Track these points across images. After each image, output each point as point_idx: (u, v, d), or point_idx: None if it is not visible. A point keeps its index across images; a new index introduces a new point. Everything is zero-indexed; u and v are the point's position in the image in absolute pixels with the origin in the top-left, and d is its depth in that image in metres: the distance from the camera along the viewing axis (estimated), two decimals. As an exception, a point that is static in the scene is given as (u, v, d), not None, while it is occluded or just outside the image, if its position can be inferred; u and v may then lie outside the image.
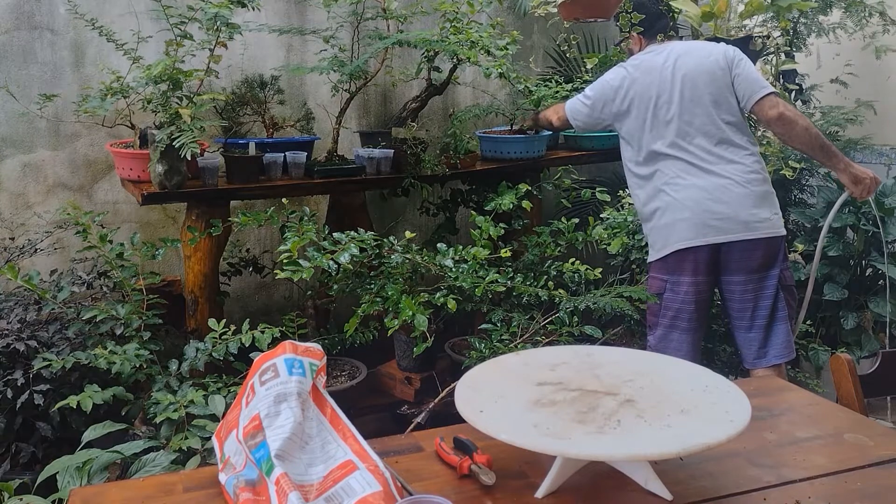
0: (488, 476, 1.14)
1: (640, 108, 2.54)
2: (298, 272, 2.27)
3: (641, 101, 2.53)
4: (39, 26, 2.96)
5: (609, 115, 2.63)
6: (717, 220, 2.42)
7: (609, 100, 2.61)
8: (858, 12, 3.46)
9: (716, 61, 2.50)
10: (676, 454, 1.04)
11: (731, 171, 2.44)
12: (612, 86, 2.60)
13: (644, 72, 2.55)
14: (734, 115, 2.49)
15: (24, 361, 2.37)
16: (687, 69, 2.50)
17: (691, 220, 2.44)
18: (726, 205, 2.41)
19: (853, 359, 1.64)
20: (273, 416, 1.10)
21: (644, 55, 2.61)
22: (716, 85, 2.48)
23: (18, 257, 2.74)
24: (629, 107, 2.56)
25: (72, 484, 1.78)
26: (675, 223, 2.47)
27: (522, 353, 1.40)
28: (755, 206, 2.43)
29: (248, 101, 3.00)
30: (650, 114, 2.52)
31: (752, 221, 2.42)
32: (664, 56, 2.55)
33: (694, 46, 2.59)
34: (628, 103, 2.56)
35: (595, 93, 2.65)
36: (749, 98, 2.47)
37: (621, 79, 2.59)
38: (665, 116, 2.50)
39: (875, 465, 1.21)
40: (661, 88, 2.51)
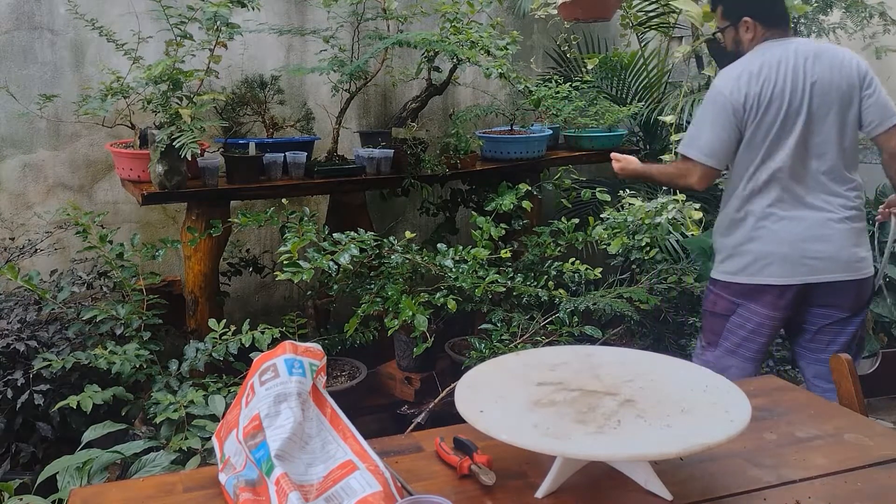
0: (488, 476, 1.14)
1: (768, 112, 2.14)
2: (299, 274, 2.27)
3: (772, 104, 2.13)
4: (39, 26, 2.96)
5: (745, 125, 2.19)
6: (815, 260, 2.16)
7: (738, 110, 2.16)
8: (859, 12, 3.46)
9: (849, 74, 2.15)
10: (676, 454, 1.04)
11: (834, 205, 2.17)
12: (735, 95, 2.16)
13: (773, 69, 2.14)
14: (851, 141, 2.18)
15: (24, 361, 2.37)
16: (819, 76, 2.13)
17: (788, 258, 2.17)
18: (827, 243, 2.16)
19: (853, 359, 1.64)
20: (273, 416, 1.10)
21: (766, 48, 2.17)
22: (844, 102, 2.15)
23: (18, 257, 2.74)
24: (759, 109, 2.15)
25: (72, 484, 1.78)
26: (769, 256, 2.18)
27: (522, 353, 1.40)
28: (855, 244, 2.19)
29: (248, 101, 3.00)
30: (778, 120, 2.13)
31: (851, 261, 2.18)
32: (792, 53, 2.15)
33: (824, 49, 2.19)
34: (762, 105, 2.15)
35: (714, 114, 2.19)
36: (878, 125, 2.16)
37: (745, 76, 2.15)
38: (789, 128, 2.14)
39: (875, 466, 1.21)
40: (792, 94, 2.13)
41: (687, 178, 2.22)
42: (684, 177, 2.23)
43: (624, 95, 3.96)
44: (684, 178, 2.24)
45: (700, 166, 2.18)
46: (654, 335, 3.09)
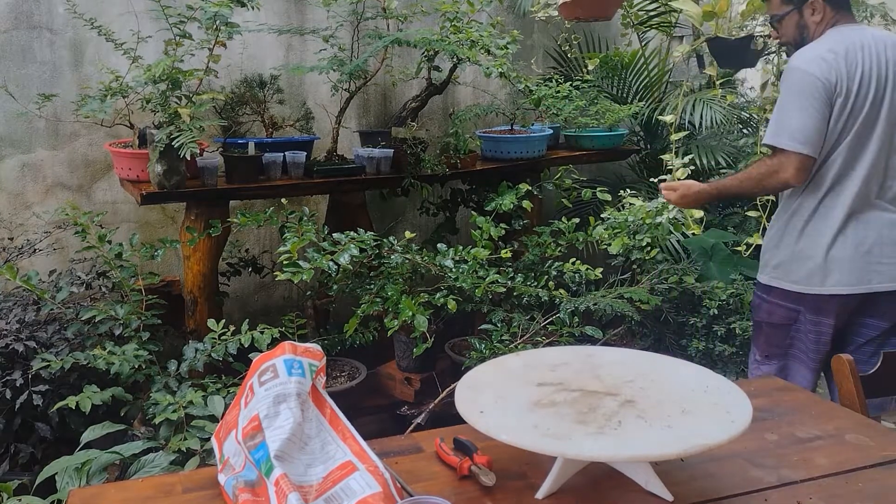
0: (488, 477, 1.14)
1: (857, 100, 1.96)
2: (298, 274, 2.27)
3: (860, 91, 1.95)
4: (38, 26, 2.96)
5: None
6: (885, 266, 2.02)
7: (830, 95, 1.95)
8: (860, 12, 3.46)
9: None
10: (677, 455, 1.03)
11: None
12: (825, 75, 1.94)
13: (858, 53, 1.96)
14: None
15: (22, 362, 2.37)
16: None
17: (857, 264, 2.02)
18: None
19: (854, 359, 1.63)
20: (272, 417, 1.09)
21: (842, 32, 1.98)
22: None
23: (17, 257, 2.74)
24: (849, 95, 1.96)
25: (71, 485, 1.78)
26: (839, 262, 2.02)
27: (523, 353, 1.39)
28: None
29: (248, 100, 2.99)
30: (864, 111, 1.96)
31: None
32: (871, 39, 1.98)
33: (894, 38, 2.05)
34: (851, 91, 1.96)
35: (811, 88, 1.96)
36: None
37: (831, 56, 1.95)
38: (873, 119, 1.98)
39: (876, 466, 1.21)
40: (878, 82, 1.96)
41: (780, 173, 1.97)
42: (776, 173, 1.98)
43: (624, 95, 3.96)
44: (777, 175, 1.98)
45: (795, 156, 1.94)
46: (655, 335, 3.09)
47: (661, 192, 2.31)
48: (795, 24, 2.07)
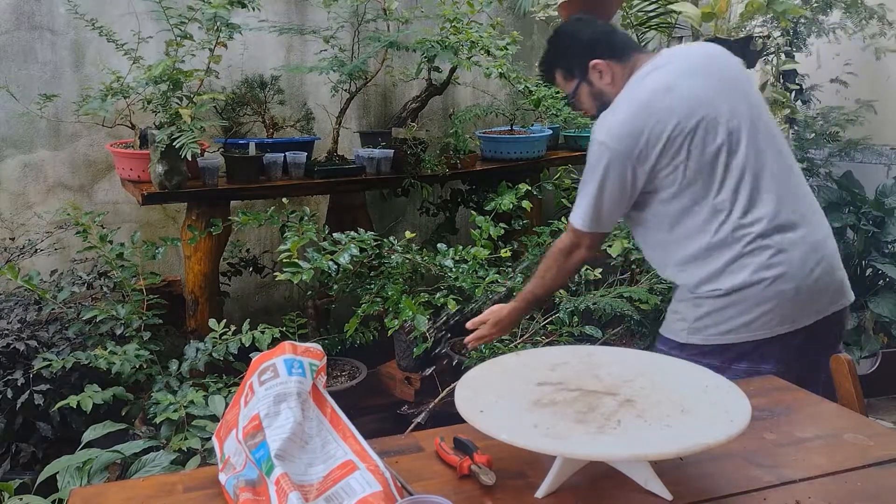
0: (488, 476, 1.14)
1: (691, 140, 1.73)
2: (298, 274, 2.27)
3: (687, 130, 1.72)
4: (40, 26, 2.96)
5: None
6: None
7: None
8: (858, 13, 3.46)
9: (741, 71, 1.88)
10: (676, 454, 1.04)
11: None
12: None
13: (667, 94, 1.73)
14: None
15: (24, 361, 2.37)
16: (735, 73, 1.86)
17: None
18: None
19: (853, 359, 1.63)
20: (273, 416, 1.10)
21: (641, 83, 1.75)
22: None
23: (19, 257, 2.74)
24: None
25: (72, 484, 1.78)
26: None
27: (522, 353, 1.40)
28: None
29: (248, 101, 3.00)
30: (710, 143, 1.76)
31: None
32: (678, 70, 1.77)
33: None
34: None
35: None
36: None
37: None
38: (730, 144, 1.78)
39: (875, 466, 1.21)
40: (709, 106, 1.75)
41: (577, 250, 1.88)
42: (575, 249, 1.88)
43: (624, 95, 3.95)
44: (575, 253, 1.88)
45: (587, 234, 1.84)
46: (654, 335, 3.08)
47: (470, 341, 2.07)
48: (589, 95, 1.87)
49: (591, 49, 1.82)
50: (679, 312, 1.80)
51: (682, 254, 1.75)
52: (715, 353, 1.72)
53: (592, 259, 1.94)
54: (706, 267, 1.72)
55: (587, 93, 1.87)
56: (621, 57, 1.81)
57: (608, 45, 1.82)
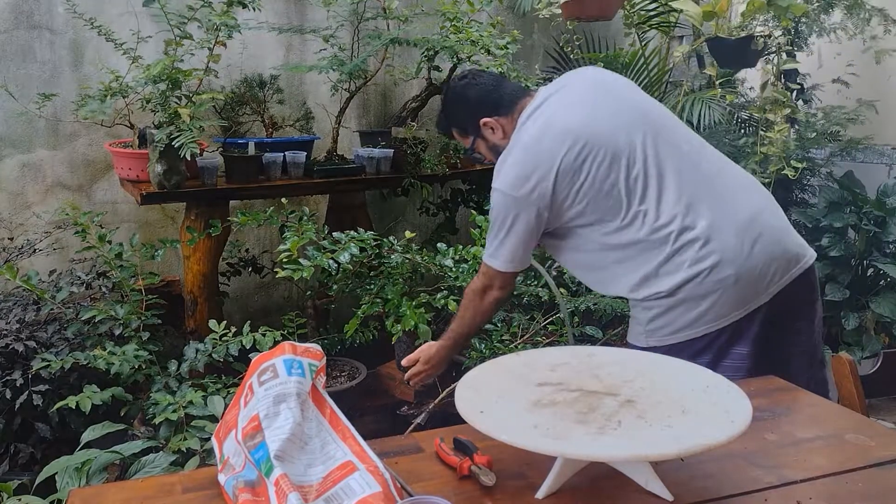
0: (488, 477, 1.14)
1: (594, 171, 1.80)
2: (299, 271, 2.27)
3: (588, 161, 1.78)
4: (38, 25, 2.96)
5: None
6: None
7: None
8: (859, 14, 3.46)
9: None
10: (677, 455, 1.03)
11: None
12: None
13: (560, 135, 1.78)
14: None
15: (22, 362, 2.37)
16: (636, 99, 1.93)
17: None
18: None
19: (854, 359, 1.63)
20: (272, 417, 1.09)
21: (527, 129, 1.80)
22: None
23: (17, 257, 2.74)
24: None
25: (71, 484, 1.78)
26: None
27: (523, 353, 1.39)
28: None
29: (248, 100, 2.99)
30: (616, 167, 1.81)
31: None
32: (562, 105, 1.83)
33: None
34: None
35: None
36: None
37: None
38: (637, 161, 1.84)
39: (876, 466, 1.21)
40: (602, 133, 1.81)
41: (491, 290, 1.92)
42: (489, 289, 1.92)
43: (624, 95, 3.95)
44: (489, 292, 1.92)
45: (502, 273, 1.88)
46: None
47: (408, 378, 2.15)
48: (486, 148, 1.94)
49: (478, 109, 1.88)
50: (635, 318, 1.83)
51: (612, 269, 1.79)
52: (674, 353, 1.71)
53: (508, 300, 1.98)
54: (638, 273, 1.74)
55: (484, 147, 1.94)
56: (508, 110, 1.86)
57: (494, 102, 1.87)
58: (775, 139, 3.21)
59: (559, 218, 1.78)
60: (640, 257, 1.73)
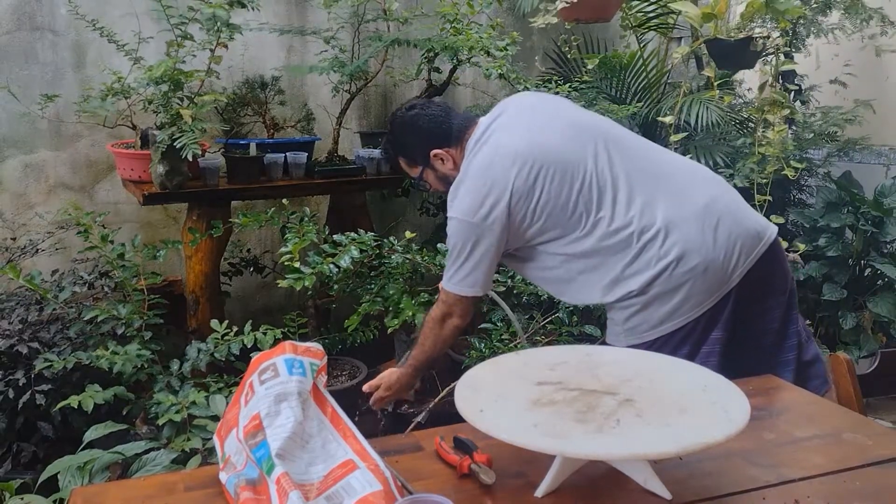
0: (488, 475, 1.15)
1: (550, 187, 1.82)
2: (300, 280, 2.28)
3: (542, 182, 1.80)
4: (41, 27, 2.97)
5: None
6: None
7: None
8: (858, 14, 3.47)
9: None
10: (675, 453, 1.04)
11: None
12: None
13: (509, 158, 1.78)
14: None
15: (25, 361, 2.37)
16: (572, 116, 1.94)
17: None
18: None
19: (852, 359, 1.64)
20: (273, 416, 1.10)
21: (479, 156, 1.80)
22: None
23: (20, 257, 2.74)
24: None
25: (73, 483, 1.79)
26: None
27: (522, 352, 1.40)
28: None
29: (249, 101, 3.00)
30: (573, 181, 1.83)
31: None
32: (508, 131, 1.84)
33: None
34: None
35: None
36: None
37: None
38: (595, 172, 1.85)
39: (874, 465, 1.21)
40: (551, 152, 1.84)
41: (452, 317, 1.90)
42: (448, 317, 1.91)
43: (623, 96, 3.96)
44: (450, 319, 1.91)
45: (465, 298, 1.86)
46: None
47: (372, 404, 2.13)
48: (435, 178, 1.93)
49: (429, 139, 1.87)
50: (612, 320, 1.84)
51: (579, 279, 1.79)
52: (656, 348, 1.74)
53: (467, 327, 1.97)
54: (606, 278, 1.75)
55: (433, 177, 1.93)
56: (457, 140, 1.86)
57: (445, 133, 1.86)
58: (773, 140, 3.22)
59: (519, 238, 1.79)
60: (605, 264, 1.75)
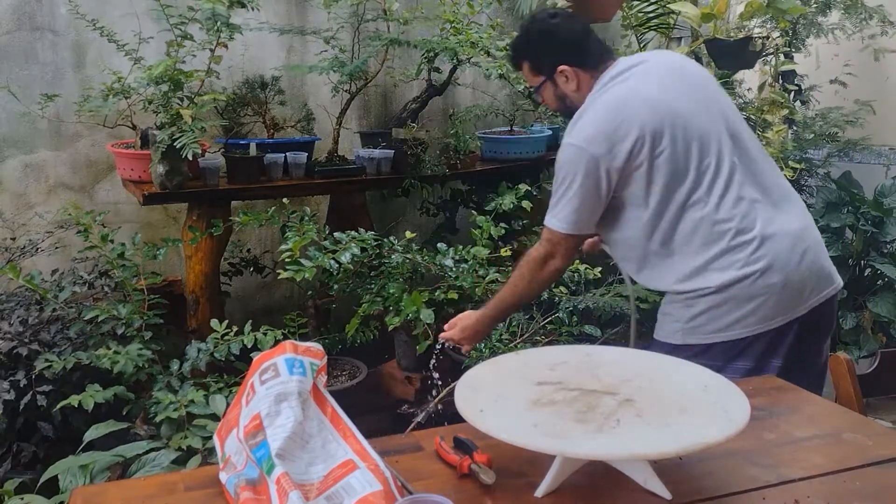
0: (488, 475, 1.15)
1: (671, 147, 1.78)
2: (301, 272, 2.28)
3: (659, 138, 1.76)
4: (41, 27, 2.97)
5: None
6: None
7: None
8: (858, 14, 3.47)
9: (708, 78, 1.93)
10: (675, 453, 1.04)
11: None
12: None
13: (641, 103, 1.76)
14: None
15: (26, 362, 2.37)
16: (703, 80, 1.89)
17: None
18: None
19: (852, 359, 1.64)
20: (274, 416, 1.10)
21: (611, 90, 1.76)
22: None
23: (20, 257, 2.74)
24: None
25: (73, 483, 1.78)
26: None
27: (522, 352, 1.40)
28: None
29: (249, 101, 3.00)
30: (683, 150, 1.79)
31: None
32: (644, 79, 1.80)
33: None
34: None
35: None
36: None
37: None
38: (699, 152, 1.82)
39: (874, 465, 1.21)
40: (678, 117, 1.80)
41: (552, 257, 1.84)
42: (550, 257, 1.83)
43: (624, 96, 3.96)
44: (550, 261, 1.83)
45: (566, 237, 1.79)
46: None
47: (442, 337, 2.05)
48: (553, 95, 1.87)
49: (563, 52, 1.81)
50: (671, 314, 1.81)
51: (662, 256, 1.76)
52: (712, 353, 1.73)
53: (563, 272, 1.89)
54: (689, 265, 1.72)
55: (551, 92, 1.87)
56: (592, 65, 1.81)
57: (581, 52, 1.80)
58: (773, 140, 3.22)
59: (625, 187, 1.72)
60: (692, 248, 1.71)
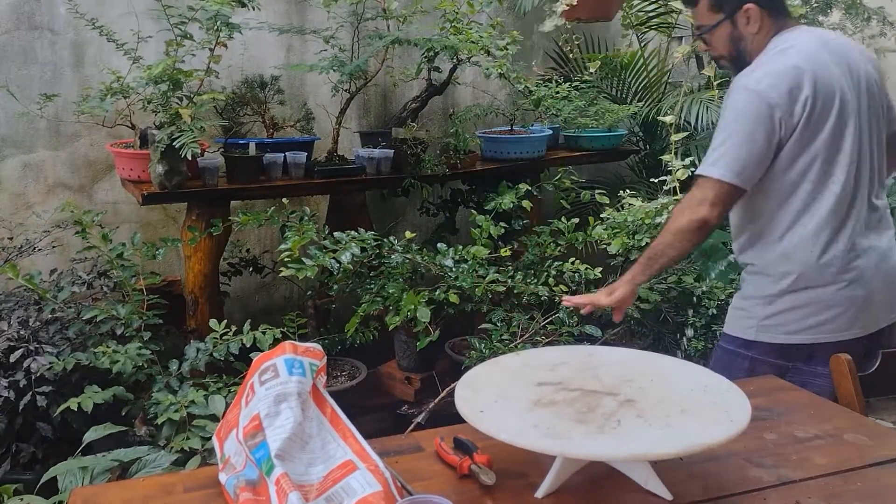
0: (488, 476, 1.14)
1: (821, 114, 1.72)
2: (302, 270, 2.28)
3: (825, 103, 1.70)
4: (40, 26, 2.96)
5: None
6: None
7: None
8: (858, 14, 3.46)
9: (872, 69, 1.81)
10: (676, 454, 1.04)
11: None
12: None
13: (820, 63, 1.70)
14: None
15: (26, 362, 2.37)
16: (865, 73, 1.77)
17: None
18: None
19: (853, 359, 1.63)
20: (273, 416, 1.10)
21: (792, 41, 1.71)
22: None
23: (17, 257, 2.74)
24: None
25: (73, 484, 1.78)
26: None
27: (522, 353, 1.40)
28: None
29: (249, 101, 3.00)
30: (830, 124, 1.74)
31: None
32: (823, 44, 1.73)
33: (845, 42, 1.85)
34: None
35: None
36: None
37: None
38: (841, 132, 1.75)
39: (875, 466, 1.21)
40: (843, 91, 1.74)
41: (701, 206, 1.68)
42: (699, 206, 1.68)
43: (624, 95, 3.96)
44: (698, 209, 1.68)
45: (724, 186, 1.65)
46: (654, 335, 3.09)
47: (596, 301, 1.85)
48: (728, 37, 1.76)
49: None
50: (746, 310, 1.80)
51: (780, 229, 1.71)
52: (783, 353, 1.73)
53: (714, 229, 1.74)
54: (800, 252, 1.69)
55: (726, 34, 1.76)
56: (777, 13, 1.74)
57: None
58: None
59: (783, 145, 1.66)
60: (811, 236, 1.68)
